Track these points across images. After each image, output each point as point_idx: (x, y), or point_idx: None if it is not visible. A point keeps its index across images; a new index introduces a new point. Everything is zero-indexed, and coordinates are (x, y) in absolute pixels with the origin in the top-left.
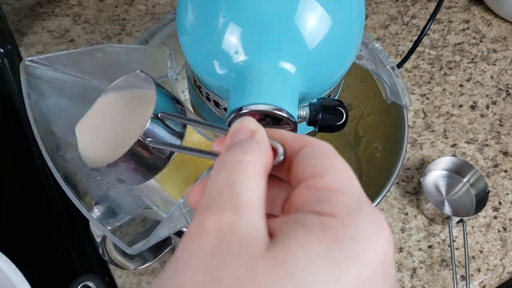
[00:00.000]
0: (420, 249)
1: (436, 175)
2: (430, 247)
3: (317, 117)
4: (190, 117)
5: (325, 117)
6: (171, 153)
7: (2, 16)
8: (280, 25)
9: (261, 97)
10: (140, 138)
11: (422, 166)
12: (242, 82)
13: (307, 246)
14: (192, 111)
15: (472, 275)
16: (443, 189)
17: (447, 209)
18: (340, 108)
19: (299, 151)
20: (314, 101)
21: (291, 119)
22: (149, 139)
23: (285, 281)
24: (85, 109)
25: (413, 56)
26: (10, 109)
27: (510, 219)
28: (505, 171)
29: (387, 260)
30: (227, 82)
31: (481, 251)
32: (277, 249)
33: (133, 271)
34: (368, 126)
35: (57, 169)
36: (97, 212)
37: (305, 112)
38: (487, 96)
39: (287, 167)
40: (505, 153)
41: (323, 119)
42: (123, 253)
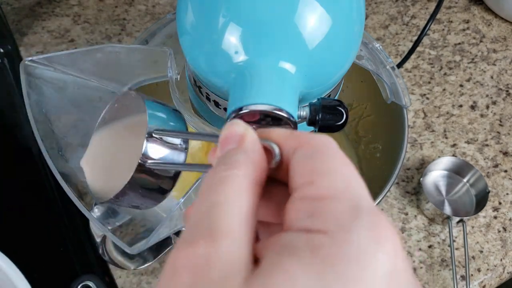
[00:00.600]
0: (420, 249)
1: (436, 175)
2: (430, 247)
3: (317, 117)
4: (184, 131)
5: (325, 117)
6: (177, 171)
7: (2, 16)
8: (280, 25)
9: (261, 97)
10: (140, 161)
11: (422, 166)
12: (242, 82)
13: (293, 276)
14: (192, 111)
15: (472, 275)
16: (443, 189)
17: (447, 209)
18: (340, 108)
19: (294, 152)
20: (314, 101)
21: (291, 119)
22: (150, 161)
23: None
24: (85, 109)
25: (413, 56)
26: (10, 109)
27: (510, 219)
28: (505, 171)
29: (394, 273)
30: (227, 82)
31: (481, 251)
32: (259, 280)
33: (133, 271)
34: (368, 126)
35: (57, 169)
36: (97, 212)
37: (305, 112)
38: (487, 96)
39: (286, 169)
40: (505, 153)
41: (323, 119)
42: (123, 253)
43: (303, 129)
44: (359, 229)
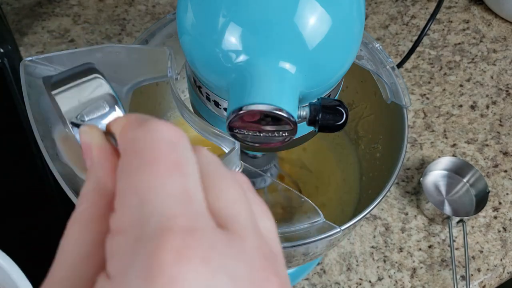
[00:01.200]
0: (420, 249)
1: (436, 175)
2: (430, 247)
3: (317, 117)
4: None
5: (325, 117)
6: None
7: (2, 16)
8: (280, 25)
9: (261, 97)
10: None
11: (422, 166)
12: (242, 82)
13: None
14: (192, 111)
15: (472, 275)
16: (443, 189)
17: (447, 209)
18: (340, 108)
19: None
20: (314, 101)
21: (291, 119)
22: None
23: None
24: None
25: (413, 56)
26: (10, 109)
27: (510, 219)
28: (505, 171)
29: None
30: (227, 82)
31: (481, 251)
32: None
33: None
34: (368, 126)
35: (57, 169)
36: None
37: (305, 112)
38: (487, 96)
39: None
40: (505, 153)
41: (323, 119)
42: None
43: (303, 129)
44: (134, 269)
